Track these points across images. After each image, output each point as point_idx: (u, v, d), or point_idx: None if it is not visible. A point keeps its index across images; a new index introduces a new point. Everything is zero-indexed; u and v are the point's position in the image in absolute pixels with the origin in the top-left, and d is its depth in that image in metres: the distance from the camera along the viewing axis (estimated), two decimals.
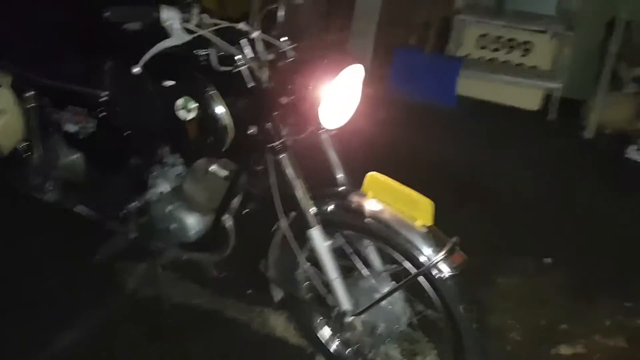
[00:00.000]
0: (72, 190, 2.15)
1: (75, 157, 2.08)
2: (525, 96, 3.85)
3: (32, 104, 1.96)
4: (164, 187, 1.89)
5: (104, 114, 1.81)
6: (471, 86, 3.78)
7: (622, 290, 2.28)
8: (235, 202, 1.81)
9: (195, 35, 1.31)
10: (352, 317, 1.57)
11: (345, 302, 1.56)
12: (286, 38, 1.50)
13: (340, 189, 1.60)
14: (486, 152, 3.33)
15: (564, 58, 3.69)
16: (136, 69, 1.29)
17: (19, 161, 2.20)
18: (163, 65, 1.48)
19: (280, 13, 1.51)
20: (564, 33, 3.65)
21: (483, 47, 3.97)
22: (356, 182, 1.61)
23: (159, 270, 2.10)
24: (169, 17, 1.25)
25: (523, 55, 3.91)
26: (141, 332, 1.99)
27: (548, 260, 2.43)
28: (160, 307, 2.08)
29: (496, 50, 3.96)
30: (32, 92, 1.94)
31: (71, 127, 1.90)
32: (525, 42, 3.88)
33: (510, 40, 3.91)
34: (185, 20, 1.29)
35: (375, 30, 4.06)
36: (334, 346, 1.85)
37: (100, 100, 1.79)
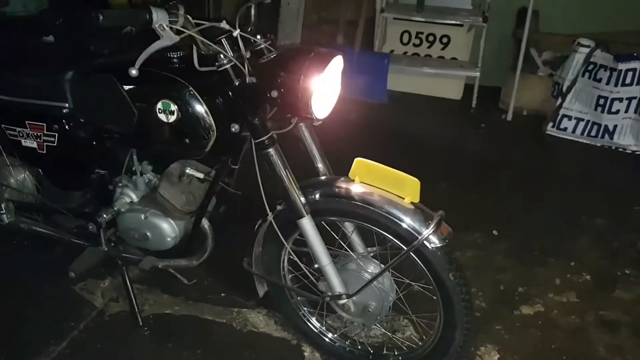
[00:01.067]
0: (30, 209, 2.06)
1: (32, 174, 2.01)
2: (448, 87, 4.10)
3: None
4: (132, 196, 1.87)
5: (66, 126, 1.76)
6: (398, 80, 3.97)
7: (564, 252, 2.51)
8: (211, 203, 1.83)
9: (184, 35, 1.33)
10: (346, 299, 1.64)
11: (337, 285, 1.63)
12: (259, 36, 1.55)
13: (327, 177, 1.67)
14: (416, 138, 3.54)
15: (480, 48, 3.95)
16: (134, 71, 1.28)
17: None
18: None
19: (253, 12, 1.55)
20: (479, 25, 3.92)
21: (405, 43, 4.18)
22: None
23: (127, 283, 2.06)
24: (159, 18, 1.27)
25: (443, 49, 4.16)
26: (115, 349, 1.96)
27: (495, 232, 2.63)
28: (133, 321, 2.05)
29: (418, 45, 4.18)
30: None
31: (29, 143, 1.82)
32: (444, 36, 4.13)
33: (429, 35, 4.14)
34: (173, 22, 1.31)
35: (301, 31, 4.17)
36: (320, 333, 1.91)
37: (62, 112, 1.74)
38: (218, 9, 4.39)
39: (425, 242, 1.44)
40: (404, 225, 1.46)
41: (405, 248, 1.48)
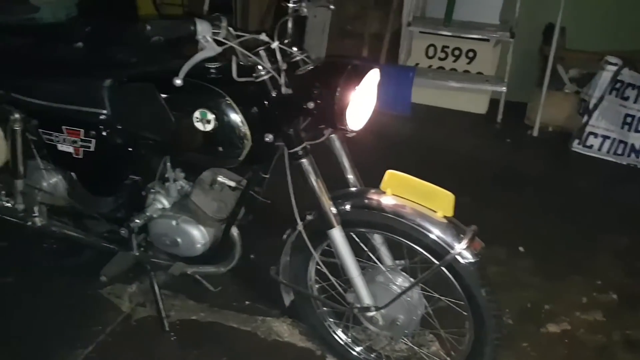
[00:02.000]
0: (61, 213, 2.10)
1: (64, 178, 2.04)
2: (473, 101, 4.09)
3: (18, 127, 1.90)
4: (164, 202, 1.89)
5: (103, 132, 1.79)
6: (422, 94, 3.97)
7: (590, 270, 2.48)
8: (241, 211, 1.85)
9: (225, 47, 1.35)
10: (375, 312, 1.64)
11: (366, 297, 1.64)
12: (295, 48, 1.57)
13: (358, 188, 1.68)
14: (441, 151, 3.53)
15: (507, 63, 3.95)
16: (178, 81, 1.31)
17: (2, 187, 2.14)
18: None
19: (290, 25, 1.58)
20: (506, 40, 3.91)
21: (431, 57, 4.19)
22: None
23: (155, 289, 2.08)
24: (203, 30, 1.29)
25: (468, 63, 4.16)
26: (141, 354, 1.97)
27: (521, 248, 2.61)
28: (159, 326, 2.07)
29: (443, 59, 4.18)
30: (18, 115, 1.89)
31: (65, 148, 1.86)
32: (470, 50, 4.13)
33: (455, 49, 4.14)
34: (215, 33, 1.33)
35: (327, 43, 4.20)
36: (345, 345, 1.91)
37: (99, 118, 1.77)
38: (245, 19, 4.45)
39: (457, 257, 1.43)
40: (436, 239, 1.46)
41: (437, 262, 1.48)
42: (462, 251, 1.43)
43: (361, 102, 1.44)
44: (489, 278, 1.51)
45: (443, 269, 1.48)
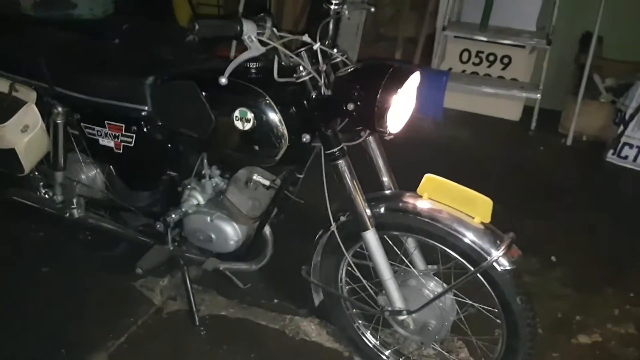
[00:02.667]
0: (98, 206, 2.14)
1: (102, 171, 2.09)
2: (506, 107, 4.04)
3: (60, 120, 1.95)
4: (199, 198, 1.92)
5: (144, 128, 1.82)
6: (455, 98, 3.94)
7: (622, 282, 2.44)
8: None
9: (269, 47, 1.37)
10: (406, 316, 1.64)
11: (398, 301, 1.64)
12: (335, 49, 1.58)
13: (394, 191, 1.68)
14: (473, 157, 3.50)
15: (542, 70, 3.90)
16: (223, 80, 1.33)
17: (42, 179, 2.19)
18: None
19: (332, 26, 1.59)
20: (542, 47, 3.87)
21: (465, 62, 4.16)
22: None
23: (187, 283, 2.11)
24: (248, 30, 1.31)
25: (503, 69, 4.11)
26: (172, 347, 2.01)
27: (553, 258, 2.58)
28: (190, 320, 2.10)
29: (477, 64, 4.15)
30: (61, 109, 1.93)
31: (107, 142, 1.90)
32: (505, 56, 4.09)
33: (490, 54, 4.11)
34: (260, 33, 1.35)
35: (359, 46, 4.21)
36: (374, 347, 1.91)
37: (141, 114, 1.80)
38: (279, 20, 4.48)
39: (494, 264, 1.42)
40: (473, 245, 1.45)
41: (472, 268, 1.47)
42: (499, 258, 1.42)
43: (401, 105, 1.44)
44: (524, 286, 1.50)
45: (478, 275, 1.47)
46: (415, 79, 1.45)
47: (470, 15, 4.12)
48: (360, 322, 1.91)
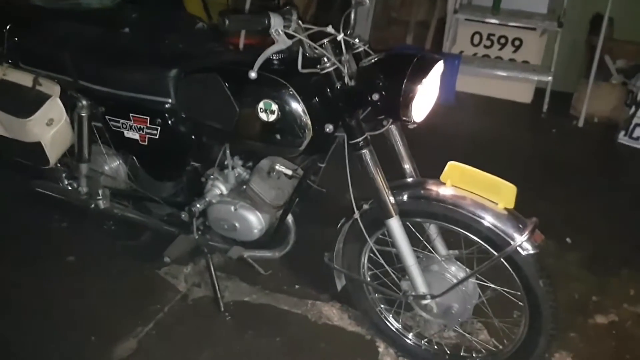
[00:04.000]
0: (122, 196, 2.18)
1: (125, 163, 2.13)
2: (518, 90, 4.06)
3: (85, 113, 1.99)
4: (222, 188, 1.95)
5: (168, 120, 1.85)
6: (466, 82, 3.95)
7: (637, 263, 2.47)
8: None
9: (295, 39, 1.39)
10: (430, 300, 1.68)
11: (422, 286, 1.68)
12: (357, 39, 1.61)
13: (417, 178, 1.71)
14: (485, 141, 3.52)
15: (553, 53, 3.90)
16: (253, 74, 1.36)
17: (65, 171, 2.24)
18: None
19: (353, 16, 1.61)
20: (554, 30, 3.86)
21: (476, 45, 4.16)
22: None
23: (212, 270, 2.16)
24: (275, 23, 1.33)
25: (514, 52, 4.12)
26: (199, 332, 2.06)
27: (568, 240, 2.61)
28: (215, 306, 2.15)
29: (489, 47, 4.15)
30: (85, 102, 1.97)
31: (131, 135, 1.93)
32: (516, 39, 4.09)
33: (501, 37, 4.11)
34: (286, 26, 1.37)
35: (370, 30, 4.20)
36: (397, 330, 1.95)
37: (165, 107, 1.84)
38: (290, 1, 4.47)
39: (518, 249, 1.46)
40: (496, 230, 1.48)
41: (495, 253, 1.51)
42: (522, 243, 1.46)
43: (426, 94, 1.46)
44: (547, 269, 1.54)
45: (502, 259, 1.51)
46: (439, 68, 1.47)
47: None
48: (382, 306, 1.95)
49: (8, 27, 2.08)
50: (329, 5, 4.13)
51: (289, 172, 1.83)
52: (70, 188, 2.24)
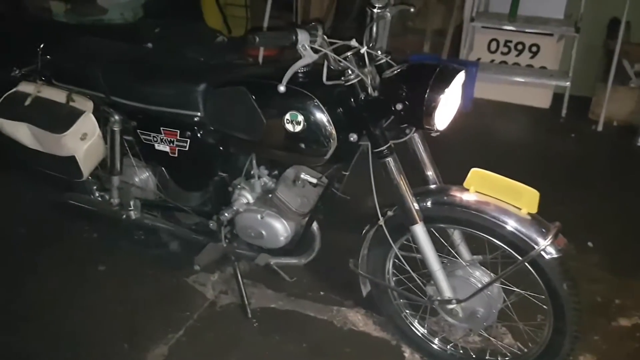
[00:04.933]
0: (151, 207, 2.25)
1: (156, 175, 2.20)
2: (536, 95, 4.08)
3: (117, 128, 2.06)
4: (249, 197, 2.01)
5: (198, 133, 1.92)
6: (484, 88, 3.98)
7: None
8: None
9: (321, 54, 1.45)
10: (455, 305, 1.71)
11: (447, 290, 1.71)
12: (379, 51, 1.66)
13: (440, 185, 1.75)
14: (505, 146, 3.55)
15: (571, 58, 3.92)
16: (282, 88, 1.42)
17: (96, 183, 2.32)
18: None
19: (375, 29, 1.66)
20: (570, 35, 3.88)
21: (493, 51, 4.19)
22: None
23: (239, 277, 2.22)
24: (302, 39, 1.39)
25: (531, 57, 4.14)
26: (228, 339, 2.11)
27: (590, 243, 2.63)
28: (242, 313, 2.20)
29: (506, 53, 4.18)
30: (118, 117, 2.04)
31: (162, 147, 2.00)
32: (533, 45, 4.11)
33: (518, 43, 4.13)
34: (312, 41, 1.43)
35: (387, 39, 4.25)
36: (422, 335, 1.99)
37: (194, 120, 1.90)
38: (307, 13, 4.55)
39: (542, 253, 1.49)
40: (520, 235, 1.52)
41: (519, 258, 1.54)
42: (546, 247, 1.49)
43: (448, 103, 1.51)
44: (570, 273, 1.57)
45: (526, 263, 1.54)
46: (460, 77, 1.52)
47: (498, 5, 4.15)
48: (407, 311, 1.99)
49: (42, 45, 2.17)
50: (345, 16, 4.19)
51: (314, 181, 1.89)
52: (101, 200, 2.32)
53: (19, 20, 5.25)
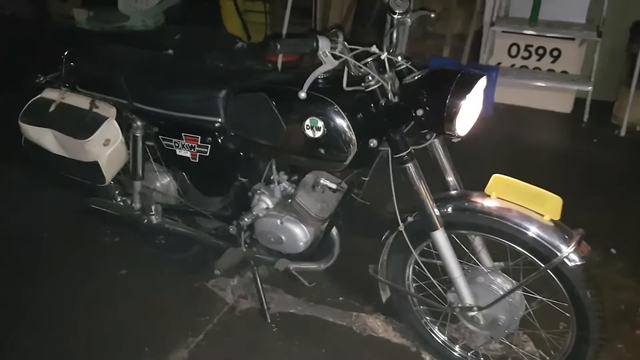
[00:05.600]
0: (172, 211, 2.27)
1: (177, 180, 2.22)
2: (557, 100, 4.04)
3: (139, 134, 2.09)
4: (268, 202, 2.02)
5: (218, 139, 1.93)
6: (504, 93, 3.96)
7: None
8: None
9: (341, 60, 1.45)
10: (476, 312, 1.70)
11: (468, 297, 1.70)
12: (400, 57, 1.66)
13: (461, 191, 1.74)
14: (527, 152, 3.52)
15: (593, 62, 3.87)
16: (302, 94, 1.42)
17: (118, 188, 2.35)
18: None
19: (396, 35, 1.66)
20: (592, 39, 3.84)
21: (514, 56, 4.16)
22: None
23: (258, 282, 2.22)
24: (323, 46, 1.40)
25: (553, 62, 4.10)
26: (248, 344, 2.12)
27: (613, 250, 2.59)
28: (262, 317, 2.21)
29: (526, 58, 4.15)
30: (140, 123, 2.07)
31: (183, 153, 2.02)
32: (554, 49, 4.07)
33: (539, 48, 4.10)
34: (333, 48, 1.43)
35: (407, 44, 4.24)
36: (443, 342, 1.97)
37: (215, 126, 1.92)
38: (325, 23, 4.57)
39: (565, 260, 1.47)
40: (543, 242, 1.50)
41: (542, 265, 1.53)
42: (569, 254, 1.47)
43: (470, 109, 1.50)
44: (594, 280, 1.54)
45: (548, 271, 1.52)
46: (482, 83, 1.51)
47: (519, 10, 4.13)
48: (427, 318, 1.97)
49: (65, 52, 2.21)
50: (364, 21, 4.20)
51: (334, 186, 1.89)
52: (123, 204, 2.35)
53: (43, 28, 5.38)
